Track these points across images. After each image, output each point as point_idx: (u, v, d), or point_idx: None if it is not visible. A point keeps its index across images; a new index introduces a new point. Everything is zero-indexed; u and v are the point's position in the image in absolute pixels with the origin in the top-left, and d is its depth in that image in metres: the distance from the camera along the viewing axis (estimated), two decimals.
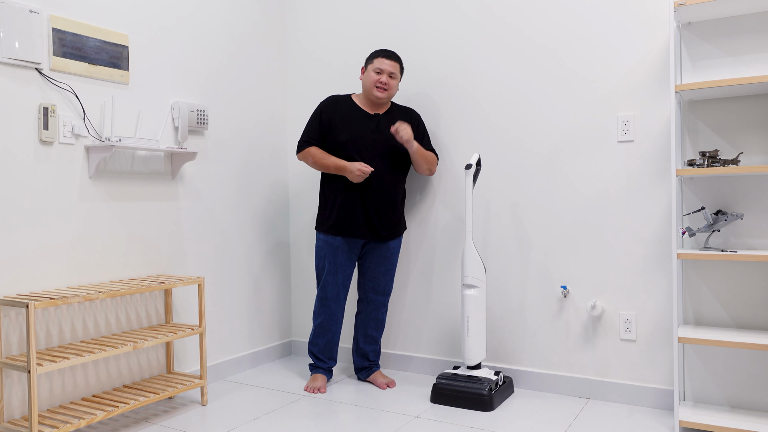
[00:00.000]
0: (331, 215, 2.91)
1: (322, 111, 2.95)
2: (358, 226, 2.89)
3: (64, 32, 2.45)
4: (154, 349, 2.85)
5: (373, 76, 2.88)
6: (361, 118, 2.91)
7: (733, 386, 2.53)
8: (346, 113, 2.92)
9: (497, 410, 2.68)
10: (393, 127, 2.79)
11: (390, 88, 2.89)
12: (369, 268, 3.01)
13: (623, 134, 2.72)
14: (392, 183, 2.91)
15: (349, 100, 2.97)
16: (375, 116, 2.93)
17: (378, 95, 2.88)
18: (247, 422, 2.57)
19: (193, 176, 3.04)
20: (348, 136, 2.87)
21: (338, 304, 2.99)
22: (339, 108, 2.94)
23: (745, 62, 2.48)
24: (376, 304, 3.03)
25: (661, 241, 2.66)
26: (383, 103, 2.95)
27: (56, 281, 2.45)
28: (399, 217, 2.99)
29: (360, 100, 2.97)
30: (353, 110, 2.93)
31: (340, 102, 2.96)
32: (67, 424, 2.19)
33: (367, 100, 2.95)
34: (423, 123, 3.03)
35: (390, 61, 2.89)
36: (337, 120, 2.90)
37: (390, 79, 2.89)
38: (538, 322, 2.94)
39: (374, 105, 2.95)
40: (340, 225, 2.90)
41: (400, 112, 3.00)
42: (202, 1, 3.09)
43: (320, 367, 3.06)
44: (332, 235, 2.93)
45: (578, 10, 2.82)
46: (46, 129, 2.38)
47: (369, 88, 2.89)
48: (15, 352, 2.30)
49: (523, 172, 2.96)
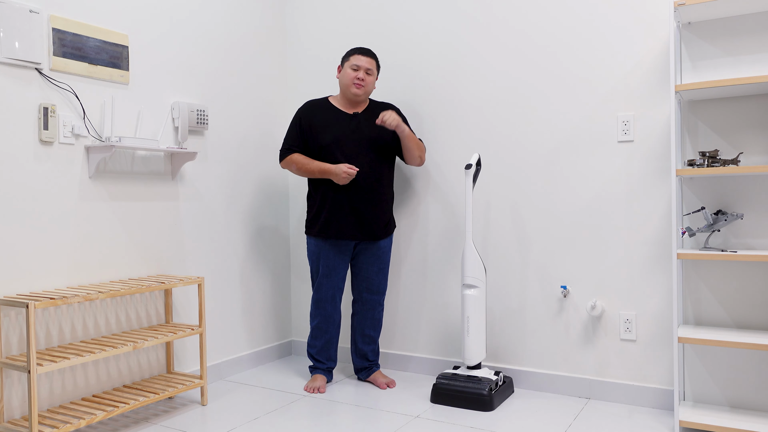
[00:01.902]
0: (320, 218, 2.91)
1: (300, 117, 2.95)
2: (347, 227, 2.89)
3: (64, 32, 2.45)
4: (154, 349, 2.85)
5: (350, 73, 2.88)
6: (340, 119, 2.92)
7: (733, 386, 2.53)
8: (325, 116, 2.92)
9: (497, 410, 2.68)
10: (378, 119, 2.79)
11: (367, 84, 2.90)
12: (362, 269, 3.01)
13: (623, 134, 2.72)
14: (379, 181, 2.91)
15: (326, 102, 2.98)
16: (354, 115, 2.93)
17: (356, 92, 2.88)
18: (247, 422, 2.57)
19: (193, 176, 3.04)
20: (330, 138, 2.87)
21: (334, 305, 3.00)
22: (317, 112, 2.94)
23: (745, 62, 2.48)
24: (371, 304, 3.04)
25: (661, 241, 2.66)
26: (361, 100, 2.95)
27: (56, 281, 2.45)
28: (388, 215, 2.99)
29: (337, 101, 2.98)
30: (332, 112, 2.94)
31: (317, 105, 2.96)
32: (67, 424, 2.19)
33: (345, 99, 2.95)
34: (403, 116, 3.03)
35: (366, 58, 2.90)
36: (317, 124, 2.91)
37: (367, 76, 2.89)
38: (538, 322, 2.94)
39: (352, 104, 2.95)
40: (330, 228, 2.90)
41: (379, 108, 3.01)
42: (203, 2, 3.09)
43: (319, 368, 3.06)
44: (322, 238, 2.93)
45: (578, 10, 2.81)
46: (46, 129, 2.38)
47: (347, 85, 2.90)
48: (15, 352, 2.30)
49: (523, 172, 2.96)
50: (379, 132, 2.92)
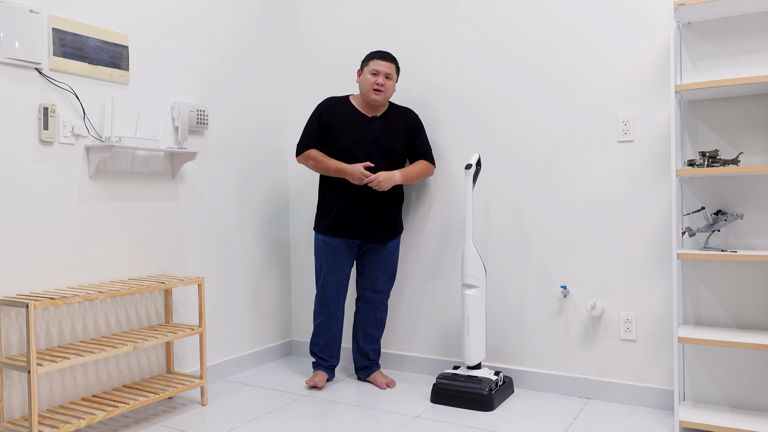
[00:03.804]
0: (329, 216, 2.92)
1: (320, 114, 2.95)
2: (356, 227, 2.89)
3: (64, 32, 2.45)
4: (154, 349, 2.85)
5: (369, 78, 2.88)
6: (359, 121, 2.92)
7: (733, 386, 2.53)
8: (344, 116, 2.92)
9: (497, 410, 2.68)
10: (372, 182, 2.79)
11: (386, 89, 2.89)
12: (367, 267, 3.02)
13: (623, 134, 2.72)
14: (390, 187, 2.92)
15: (346, 102, 2.97)
16: (373, 119, 2.93)
17: (375, 98, 2.88)
18: (247, 422, 2.57)
19: (193, 176, 3.04)
20: (345, 140, 2.88)
21: (338, 303, 3.00)
22: (337, 111, 2.94)
23: (745, 62, 2.48)
24: (374, 303, 3.04)
25: (661, 241, 2.66)
26: (381, 104, 2.95)
27: (56, 281, 2.45)
28: (397, 218, 3.00)
29: (358, 101, 2.97)
30: (351, 113, 2.93)
31: (338, 104, 2.96)
32: (67, 424, 2.19)
33: (364, 102, 2.95)
34: (420, 122, 3.04)
35: (386, 63, 2.89)
36: (336, 123, 2.91)
37: (386, 80, 2.89)
38: (538, 322, 2.94)
39: (372, 107, 2.95)
40: (339, 226, 2.90)
41: (398, 113, 3.00)
42: (203, 2, 3.09)
43: (322, 365, 3.08)
44: (330, 236, 2.93)
45: (578, 10, 2.81)
46: (46, 129, 2.38)
47: (366, 90, 2.90)
48: (15, 352, 2.30)
49: (523, 172, 2.96)
50: (393, 140, 2.93)
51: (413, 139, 3.00)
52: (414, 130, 3.00)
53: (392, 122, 2.96)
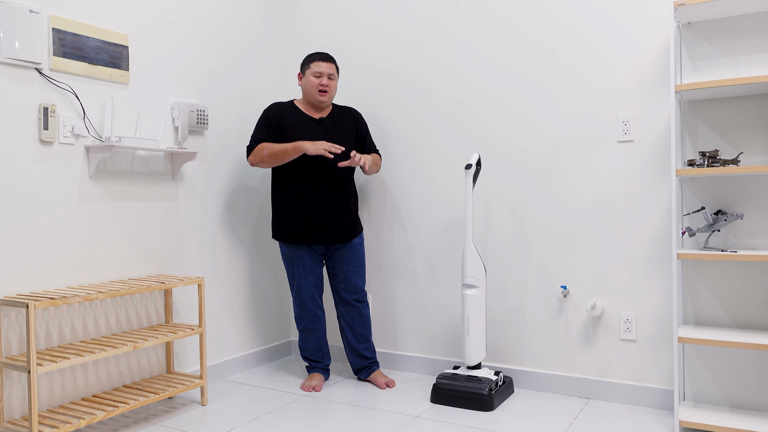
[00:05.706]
0: (288, 224, 2.93)
1: (268, 116, 2.94)
2: (316, 233, 2.91)
3: (64, 32, 2.45)
4: (154, 349, 2.85)
5: (312, 80, 2.91)
6: (307, 123, 2.94)
7: (733, 386, 2.53)
8: (292, 118, 2.94)
9: (497, 410, 2.68)
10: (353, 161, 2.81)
11: (331, 89, 2.94)
12: (338, 269, 3.02)
13: (623, 134, 2.72)
14: (344, 185, 2.95)
15: (292, 105, 2.99)
16: (320, 120, 2.96)
17: (321, 99, 2.92)
18: (247, 422, 2.57)
19: (193, 176, 3.04)
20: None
21: (316, 304, 3.03)
22: (285, 113, 2.95)
23: (745, 62, 2.48)
24: (355, 302, 3.05)
25: (661, 241, 2.66)
26: (325, 105, 2.98)
27: (56, 281, 2.45)
28: (354, 216, 3.02)
29: (302, 104, 3.00)
30: (299, 115, 2.96)
31: (284, 108, 2.97)
32: (67, 424, 2.19)
33: (309, 104, 2.98)
34: (365, 122, 3.12)
35: (327, 63, 2.94)
36: (285, 126, 2.92)
37: (330, 81, 2.93)
38: (538, 322, 2.94)
39: (317, 109, 2.99)
40: (299, 233, 2.91)
41: (343, 113, 3.05)
42: (202, 2, 3.09)
43: (316, 366, 3.09)
44: (295, 244, 2.95)
45: (578, 10, 2.81)
46: (46, 129, 2.38)
47: (311, 92, 2.93)
48: (15, 352, 2.30)
49: (523, 172, 2.96)
50: (344, 138, 2.97)
51: (363, 137, 3.07)
52: (362, 129, 3.07)
53: (339, 122, 3.00)
